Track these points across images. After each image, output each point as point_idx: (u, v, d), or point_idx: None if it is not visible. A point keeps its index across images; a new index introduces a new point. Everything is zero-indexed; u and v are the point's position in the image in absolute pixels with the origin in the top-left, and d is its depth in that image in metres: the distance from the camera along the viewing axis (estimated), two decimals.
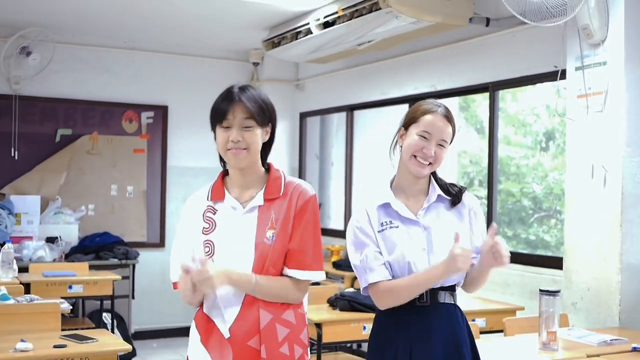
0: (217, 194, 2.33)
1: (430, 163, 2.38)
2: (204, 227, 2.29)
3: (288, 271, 2.25)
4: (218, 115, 2.26)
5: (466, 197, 2.48)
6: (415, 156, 2.38)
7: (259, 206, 2.28)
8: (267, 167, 2.37)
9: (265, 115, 2.28)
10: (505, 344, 3.40)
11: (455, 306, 2.44)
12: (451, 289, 2.42)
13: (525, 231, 5.56)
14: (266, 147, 2.35)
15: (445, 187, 2.47)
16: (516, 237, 5.56)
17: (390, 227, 2.39)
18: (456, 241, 2.28)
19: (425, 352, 2.34)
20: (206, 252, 2.25)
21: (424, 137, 2.38)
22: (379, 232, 2.40)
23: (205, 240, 2.27)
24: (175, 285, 2.30)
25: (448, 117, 2.41)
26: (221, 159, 2.38)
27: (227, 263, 2.22)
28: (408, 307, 2.37)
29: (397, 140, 2.48)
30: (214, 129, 2.31)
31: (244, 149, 2.25)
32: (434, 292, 2.38)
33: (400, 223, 2.40)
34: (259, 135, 2.27)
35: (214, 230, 2.28)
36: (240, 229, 2.26)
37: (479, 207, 2.50)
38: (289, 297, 2.26)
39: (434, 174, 2.48)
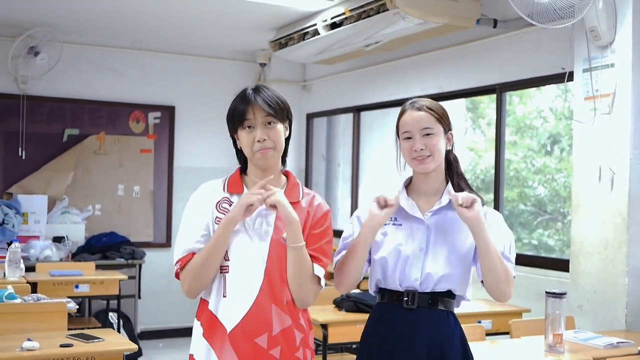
0: (234, 186, 2.31)
1: (428, 156, 2.35)
2: (217, 217, 2.26)
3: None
4: (238, 118, 2.25)
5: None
6: (413, 158, 2.38)
7: None
8: (285, 173, 2.38)
9: (283, 111, 2.29)
10: (511, 346, 3.40)
11: (448, 313, 2.36)
12: (446, 295, 2.35)
13: (528, 235, 5.53)
14: (285, 144, 2.35)
15: (461, 191, 2.40)
16: (519, 240, 5.52)
17: (394, 224, 2.40)
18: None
19: (408, 358, 2.30)
20: None
21: (408, 137, 2.38)
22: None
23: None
24: (181, 261, 2.24)
25: (420, 107, 2.39)
26: (239, 158, 2.37)
27: (240, 257, 2.22)
28: (395, 310, 2.34)
29: (398, 152, 2.47)
30: (234, 133, 2.29)
31: (271, 147, 2.25)
32: (422, 296, 2.33)
33: (405, 221, 2.39)
34: (282, 131, 2.29)
35: None
36: (257, 224, 2.25)
37: (492, 219, 2.39)
38: (308, 283, 2.24)
39: (451, 178, 2.44)
